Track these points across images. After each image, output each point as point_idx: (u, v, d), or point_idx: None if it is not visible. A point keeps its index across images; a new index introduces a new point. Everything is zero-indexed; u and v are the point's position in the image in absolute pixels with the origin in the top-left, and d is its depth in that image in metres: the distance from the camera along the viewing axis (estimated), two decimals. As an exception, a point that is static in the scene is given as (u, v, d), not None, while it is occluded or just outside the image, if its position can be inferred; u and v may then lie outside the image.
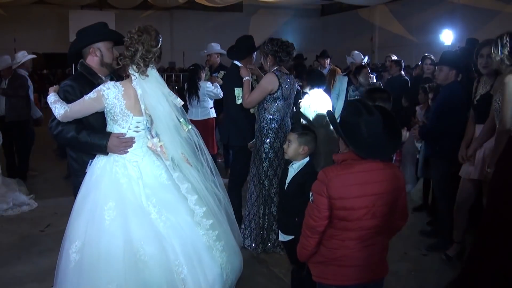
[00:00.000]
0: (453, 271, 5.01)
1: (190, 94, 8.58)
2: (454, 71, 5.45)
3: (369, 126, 2.91)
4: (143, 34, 3.59)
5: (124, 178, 3.67)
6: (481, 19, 15.17)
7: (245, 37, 6.46)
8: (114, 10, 20.35)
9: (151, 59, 3.61)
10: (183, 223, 3.69)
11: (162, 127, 3.70)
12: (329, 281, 3.14)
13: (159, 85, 3.70)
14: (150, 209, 3.62)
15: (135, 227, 3.53)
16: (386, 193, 2.97)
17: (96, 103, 3.66)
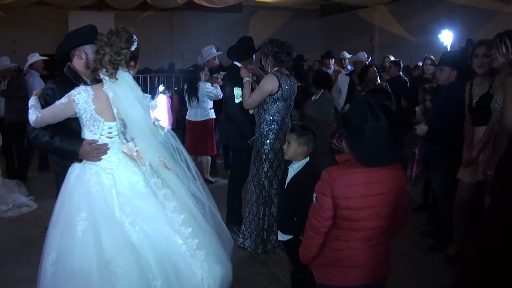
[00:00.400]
0: (454, 272, 5.00)
1: (189, 95, 8.60)
2: (455, 72, 5.45)
3: (374, 133, 2.88)
4: (112, 36, 3.51)
5: (96, 186, 3.57)
6: (480, 19, 15.14)
7: (245, 38, 6.48)
8: (113, 11, 20.29)
9: (120, 62, 3.50)
10: (159, 233, 3.56)
11: (137, 131, 3.60)
12: (332, 282, 3.13)
13: (131, 88, 3.59)
14: (123, 219, 3.51)
15: (106, 238, 3.44)
16: (390, 193, 2.97)
17: (67, 109, 3.57)
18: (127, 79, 3.58)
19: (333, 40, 23.03)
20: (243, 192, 6.30)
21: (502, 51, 4.35)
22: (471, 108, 5.07)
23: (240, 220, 6.11)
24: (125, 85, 3.56)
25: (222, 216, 6.58)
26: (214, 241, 3.85)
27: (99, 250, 3.40)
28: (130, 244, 3.47)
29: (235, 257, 5.47)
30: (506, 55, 4.37)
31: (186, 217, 3.66)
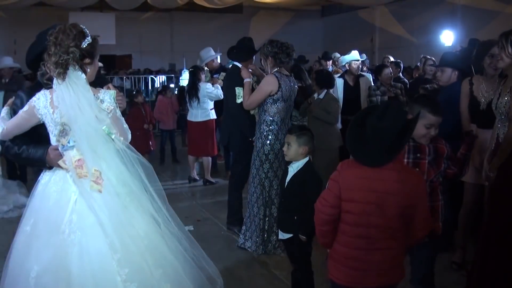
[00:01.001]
0: (455, 275, 4.99)
1: (190, 95, 8.62)
2: (456, 72, 5.43)
3: (374, 131, 2.89)
4: (59, 35, 3.28)
5: (55, 194, 3.38)
6: (481, 19, 15.13)
7: (245, 39, 6.49)
8: (114, 11, 20.30)
9: (68, 61, 3.24)
10: (95, 251, 3.23)
11: (80, 137, 3.30)
12: (339, 280, 3.16)
13: (80, 90, 3.29)
14: (66, 227, 3.25)
15: (39, 246, 3.27)
16: (396, 194, 2.94)
17: (30, 117, 3.41)
18: (75, 80, 3.30)
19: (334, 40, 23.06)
20: (243, 193, 6.29)
21: (508, 51, 4.20)
22: (477, 110, 4.99)
23: (240, 221, 6.11)
24: (72, 86, 3.28)
25: (223, 217, 6.65)
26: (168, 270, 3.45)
27: (26, 257, 3.30)
28: (60, 255, 3.22)
29: (235, 258, 5.49)
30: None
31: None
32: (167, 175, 9.74)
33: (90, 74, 3.46)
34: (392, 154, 2.94)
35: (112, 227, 3.24)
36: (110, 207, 3.29)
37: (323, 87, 7.12)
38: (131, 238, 3.28)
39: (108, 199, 3.30)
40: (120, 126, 3.46)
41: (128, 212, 3.33)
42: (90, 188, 3.27)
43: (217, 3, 19.14)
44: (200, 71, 8.74)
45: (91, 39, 3.40)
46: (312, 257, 4.28)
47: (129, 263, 3.23)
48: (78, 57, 3.30)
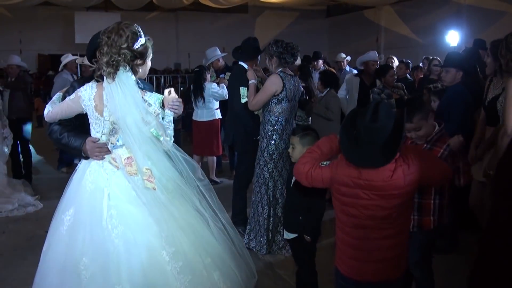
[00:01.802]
0: (459, 274, 4.98)
1: (195, 95, 8.62)
2: (461, 73, 5.42)
3: (368, 133, 2.87)
4: (112, 35, 3.34)
5: (90, 185, 3.49)
6: (487, 20, 15.11)
7: (250, 39, 6.49)
8: (119, 11, 20.36)
9: (119, 62, 3.32)
10: (143, 243, 3.33)
11: (128, 137, 3.39)
12: (342, 270, 3.17)
13: (128, 91, 3.37)
14: (107, 222, 3.35)
15: (83, 237, 3.34)
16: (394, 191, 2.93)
17: (74, 105, 3.52)
18: (125, 81, 3.38)
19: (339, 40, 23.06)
20: (248, 193, 6.30)
21: (501, 53, 4.32)
22: (484, 106, 5.02)
23: (245, 221, 6.11)
24: (121, 87, 3.36)
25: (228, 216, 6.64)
26: (220, 265, 3.60)
27: (72, 247, 3.33)
28: (106, 248, 3.30)
29: (239, 258, 5.49)
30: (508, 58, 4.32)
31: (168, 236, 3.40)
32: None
33: (141, 74, 3.56)
34: (389, 155, 2.91)
35: (165, 221, 3.38)
36: (161, 202, 3.40)
37: (327, 86, 7.33)
38: (183, 231, 3.42)
39: (158, 195, 3.41)
40: (162, 132, 3.46)
41: (176, 206, 3.46)
42: (145, 186, 3.38)
43: (223, 3, 19.16)
44: (206, 71, 8.75)
45: (144, 40, 3.45)
46: (317, 257, 4.28)
47: (182, 256, 3.35)
48: (129, 58, 3.36)
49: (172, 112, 3.57)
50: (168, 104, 3.55)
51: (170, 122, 3.55)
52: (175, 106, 3.56)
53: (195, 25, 23.23)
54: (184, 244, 3.40)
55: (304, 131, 4.29)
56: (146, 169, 3.39)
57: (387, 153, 2.89)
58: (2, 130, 7.85)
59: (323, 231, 4.22)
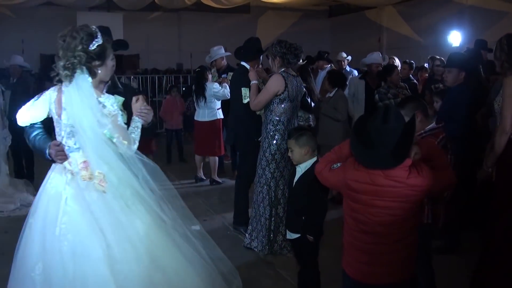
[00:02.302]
0: (461, 275, 4.98)
1: (197, 95, 8.63)
2: (463, 73, 5.41)
3: (379, 134, 2.87)
4: (66, 38, 3.32)
5: (52, 189, 3.47)
6: (489, 20, 15.07)
7: (252, 39, 6.50)
8: (121, 11, 20.34)
9: (74, 65, 3.29)
10: (88, 255, 3.24)
11: (84, 140, 3.36)
12: (350, 273, 3.17)
13: (84, 94, 3.33)
14: (60, 229, 3.30)
15: (39, 243, 3.33)
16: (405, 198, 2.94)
17: (40, 108, 3.52)
18: (81, 83, 3.35)
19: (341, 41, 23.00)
20: (250, 193, 6.30)
21: (496, 54, 4.36)
22: None
23: (247, 221, 6.11)
24: (78, 89, 3.34)
25: (229, 217, 6.66)
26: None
27: (27, 252, 3.35)
28: (55, 255, 3.26)
29: (241, 258, 5.49)
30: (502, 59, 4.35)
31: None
32: (173, 175, 9.74)
33: (102, 75, 3.48)
34: (399, 157, 2.90)
35: (111, 230, 3.28)
36: (111, 209, 3.34)
37: (335, 86, 7.40)
38: (130, 242, 3.30)
39: (109, 201, 3.35)
40: (122, 135, 3.41)
41: (130, 213, 3.36)
42: (96, 188, 3.33)
43: (225, 3, 19.15)
44: (207, 71, 8.76)
45: (101, 40, 3.40)
46: (319, 258, 4.28)
47: (126, 268, 3.25)
48: (86, 60, 3.31)
49: (140, 119, 3.60)
50: (136, 111, 3.59)
51: (136, 128, 3.54)
52: (143, 113, 3.60)
53: (197, 26, 23.21)
54: (130, 256, 3.30)
55: (298, 132, 4.29)
56: (99, 173, 3.36)
57: (397, 155, 2.88)
58: (2, 130, 7.85)
59: (325, 231, 4.22)
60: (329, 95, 7.46)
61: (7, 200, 7.43)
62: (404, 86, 8.06)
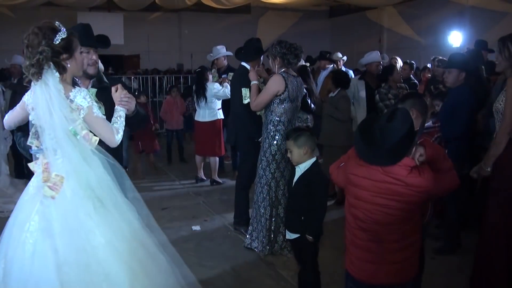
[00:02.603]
0: (461, 275, 4.98)
1: (197, 96, 8.62)
2: (463, 74, 5.41)
3: (383, 132, 2.88)
4: (29, 36, 3.22)
5: (32, 189, 3.36)
6: (489, 20, 15.10)
7: (253, 39, 6.49)
8: (122, 12, 20.40)
9: (39, 61, 3.14)
10: (40, 256, 3.09)
11: (48, 140, 3.22)
12: (352, 272, 3.19)
13: (51, 92, 3.17)
14: (28, 230, 3.17)
15: (5, 242, 3.24)
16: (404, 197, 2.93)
17: (22, 110, 3.45)
18: (48, 79, 3.21)
19: (341, 41, 23.04)
20: (250, 193, 6.30)
21: (505, 55, 4.33)
22: None
23: (247, 221, 6.11)
24: (45, 86, 3.20)
25: (230, 217, 6.66)
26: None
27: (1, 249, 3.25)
28: (18, 258, 3.14)
29: (242, 258, 5.49)
30: (508, 59, 4.34)
31: None
32: (174, 175, 9.76)
33: (72, 69, 3.36)
34: (397, 156, 2.92)
35: (62, 237, 3.11)
36: (65, 214, 3.15)
37: (338, 86, 7.40)
38: (82, 250, 3.10)
39: (65, 206, 3.17)
40: (101, 125, 3.34)
41: (90, 219, 3.16)
42: (44, 193, 3.20)
43: (225, 3, 19.18)
44: (207, 71, 8.76)
45: (65, 33, 3.28)
46: (319, 258, 4.28)
47: (74, 275, 3.07)
48: (51, 55, 3.20)
49: (123, 108, 3.57)
50: (117, 100, 3.57)
51: (119, 117, 3.50)
52: (123, 102, 3.56)
53: (197, 26, 23.25)
54: (79, 264, 3.09)
55: (296, 132, 4.29)
56: (56, 175, 3.20)
57: (394, 154, 2.91)
58: (2, 131, 7.85)
59: (325, 231, 4.23)
60: (332, 95, 7.47)
61: (7, 201, 7.42)
62: (404, 87, 8.05)
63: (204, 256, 5.63)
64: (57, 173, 3.20)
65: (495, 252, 4.25)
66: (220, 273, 5.22)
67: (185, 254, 5.64)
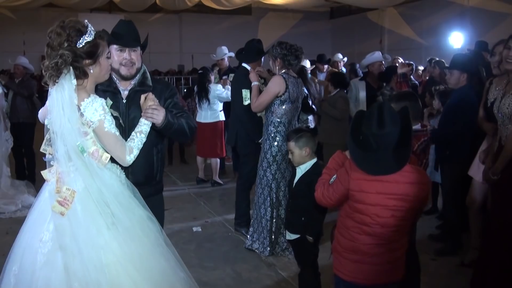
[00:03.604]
0: (461, 276, 4.97)
1: (200, 97, 8.60)
2: (465, 75, 5.39)
3: (378, 140, 2.83)
4: (52, 35, 2.96)
5: (47, 193, 3.15)
6: (490, 21, 15.10)
7: (254, 40, 6.49)
8: (123, 13, 20.39)
9: (58, 65, 2.91)
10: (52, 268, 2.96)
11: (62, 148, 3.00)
12: (343, 275, 3.16)
13: (65, 99, 2.97)
14: (44, 235, 3.05)
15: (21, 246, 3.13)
16: (409, 196, 2.93)
17: (45, 110, 3.28)
18: (64, 85, 2.98)
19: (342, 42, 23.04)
20: (251, 194, 6.29)
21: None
22: (487, 107, 4.94)
23: (248, 222, 6.11)
24: (60, 93, 2.98)
25: (231, 218, 6.66)
26: None
27: (11, 254, 3.16)
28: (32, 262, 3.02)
29: (243, 260, 5.49)
30: None
31: None
32: (175, 176, 9.75)
33: (95, 75, 3.13)
34: (402, 160, 2.89)
35: (73, 252, 2.96)
36: (76, 230, 2.98)
37: (337, 87, 7.50)
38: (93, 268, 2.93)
39: (77, 221, 3.00)
40: (112, 142, 3.12)
41: (102, 236, 2.99)
42: (52, 209, 3.00)
43: (226, 4, 19.18)
44: (209, 72, 8.74)
45: (92, 36, 3.03)
46: (319, 259, 4.28)
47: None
48: (72, 59, 2.95)
49: (148, 121, 3.31)
50: (142, 112, 3.32)
51: (139, 133, 3.27)
52: (148, 113, 3.29)
53: (198, 27, 23.27)
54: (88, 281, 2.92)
55: (297, 133, 4.28)
56: (67, 189, 3.00)
57: (400, 158, 2.87)
58: (3, 132, 7.85)
59: (325, 232, 4.22)
60: (331, 95, 7.56)
61: (8, 202, 7.43)
62: None
63: (205, 257, 5.63)
64: (68, 187, 3.01)
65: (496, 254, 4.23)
66: (220, 274, 5.22)
67: (186, 255, 5.65)
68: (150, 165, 3.66)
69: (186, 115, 3.71)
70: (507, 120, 4.21)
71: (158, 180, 3.77)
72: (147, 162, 3.59)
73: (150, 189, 3.67)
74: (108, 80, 3.43)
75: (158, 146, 3.69)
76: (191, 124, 3.69)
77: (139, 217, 3.14)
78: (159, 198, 3.87)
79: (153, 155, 3.66)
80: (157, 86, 3.69)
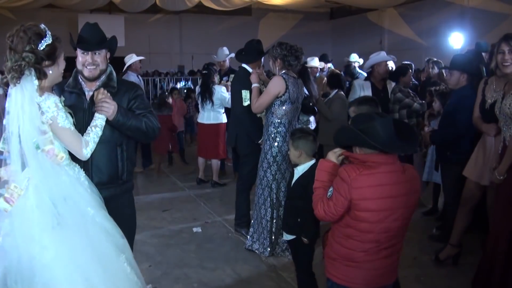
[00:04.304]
0: (462, 276, 4.98)
1: (203, 98, 8.56)
2: (465, 75, 5.39)
3: (384, 125, 2.88)
4: (14, 38, 3.09)
5: None
6: (490, 22, 15.10)
7: (254, 41, 6.47)
8: (123, 14, 20.43)
9: (21, 67, 3.05)
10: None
11: (15, 147, 3.09)
12: (338, 280, 3.14)
13: (25, 99, 3.07)
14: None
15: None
16: (409, 195, 2.96)
17: None
18: (25, 86, 3.10)
19: (342, 43, 23.04)
20: (251, 195, 6.29)
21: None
22: (483, 109, 4.93)
23: (248, 223, 6.11)
24: (20, 93, 3.09)
25: (231, 219, 6.66)
26: None
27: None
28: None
29: (243, 260, 5.49)
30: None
31: None
32: (175, 177, 9.75)
33: (53, 76, 3.28)
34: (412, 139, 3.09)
35: (17, 248, 3.02)
36: (19, 227, 3.05)
37: (333, 88, 7.58)
38: (29, 266, 2.97)
39: (21, 219, 3.07)
40: (68, 137, 3.26)
41: (46, 235, 3.03)
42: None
43: (226, 5, 19.20)
44: (214, 73, 8.66)
45: (51, 39, 3.19)
46: (316, 260, 4.28)
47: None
48: (34, 61, 3.10)
49: (102, 115, 3.46)
50: (96, 106, 3.46)
51: (94, 127, 3.41)
52: (99, 106, 3.45)
53: (198, 28, 23.27)
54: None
55: (298, 134, 4.28)
56: (15, 187, 3.07)
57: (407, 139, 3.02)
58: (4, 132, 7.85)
59: (322, 233, 4.22)
60: (329, 97, 7.59)
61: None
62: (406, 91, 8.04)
63: (205, 258, 5.62)
64: (16, 185, 3.09)
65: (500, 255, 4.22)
66: (221, 274, 5.22)
67: (186, 256, 5.66)
68: (114, 164, 3.74)
69: (149, 115, 3.79)
70: (510, 120, 4.22)
71: (125, 179, 3.83)
72: (110, 161, 3.70)
73: (116, 189, 3.76)
74: (74, 81, 3.67)
75: (122, 146, 3.76)
76: (151, 124, 3.77)
77: (91, 218, 3.21)
78: (127, 198, 3.95)
79: (117, 154, 3.73)
80: (122, 87, 3.81)
